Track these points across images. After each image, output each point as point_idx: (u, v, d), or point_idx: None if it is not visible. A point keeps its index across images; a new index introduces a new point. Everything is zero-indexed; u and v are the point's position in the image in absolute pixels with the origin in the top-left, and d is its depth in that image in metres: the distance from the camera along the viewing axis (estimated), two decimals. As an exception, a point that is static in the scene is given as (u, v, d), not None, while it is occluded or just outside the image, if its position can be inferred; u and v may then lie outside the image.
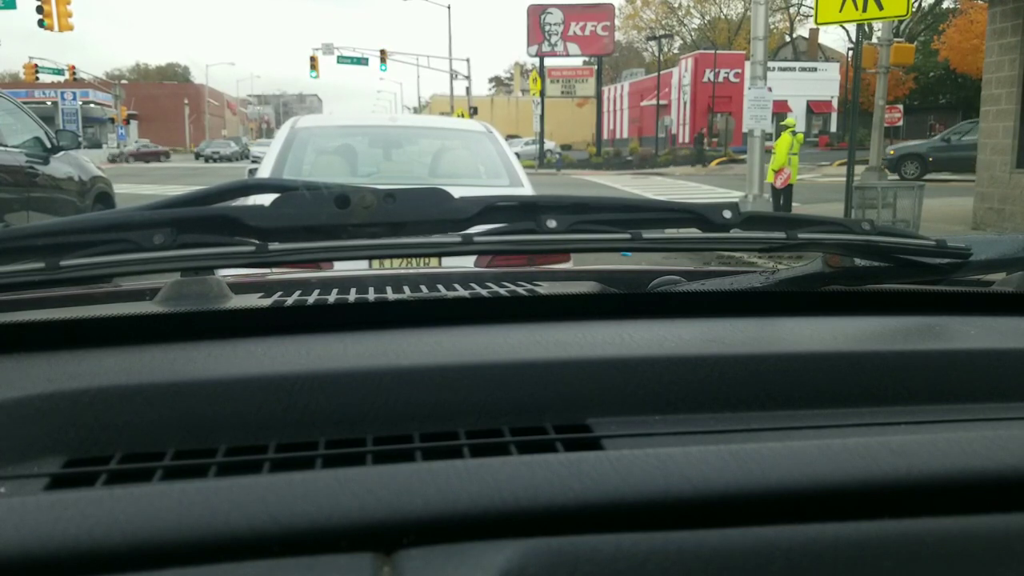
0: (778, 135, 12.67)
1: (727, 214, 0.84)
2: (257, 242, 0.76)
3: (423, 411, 0.70)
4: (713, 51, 43.19)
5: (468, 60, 42.09)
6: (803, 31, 52.89)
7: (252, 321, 0.91)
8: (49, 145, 6.40)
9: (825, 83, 45.17)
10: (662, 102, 42.90)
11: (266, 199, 0.80)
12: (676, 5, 54.74)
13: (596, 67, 38.92)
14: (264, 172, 4.44)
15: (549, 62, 38.16)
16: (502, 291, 1.16)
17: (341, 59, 38.08)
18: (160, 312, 0.91)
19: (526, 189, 4.34)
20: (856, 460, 0.56)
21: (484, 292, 1.16)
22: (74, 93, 47.78)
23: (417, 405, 0.70)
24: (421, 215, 0.79)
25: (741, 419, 0.72)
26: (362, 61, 38.58)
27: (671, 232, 0.86)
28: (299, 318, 0.95)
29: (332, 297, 1.11)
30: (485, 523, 0.50)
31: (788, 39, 53.12)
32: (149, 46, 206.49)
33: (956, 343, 0.84)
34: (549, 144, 38.83)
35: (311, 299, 1.08)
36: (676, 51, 56.06)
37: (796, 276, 1.04)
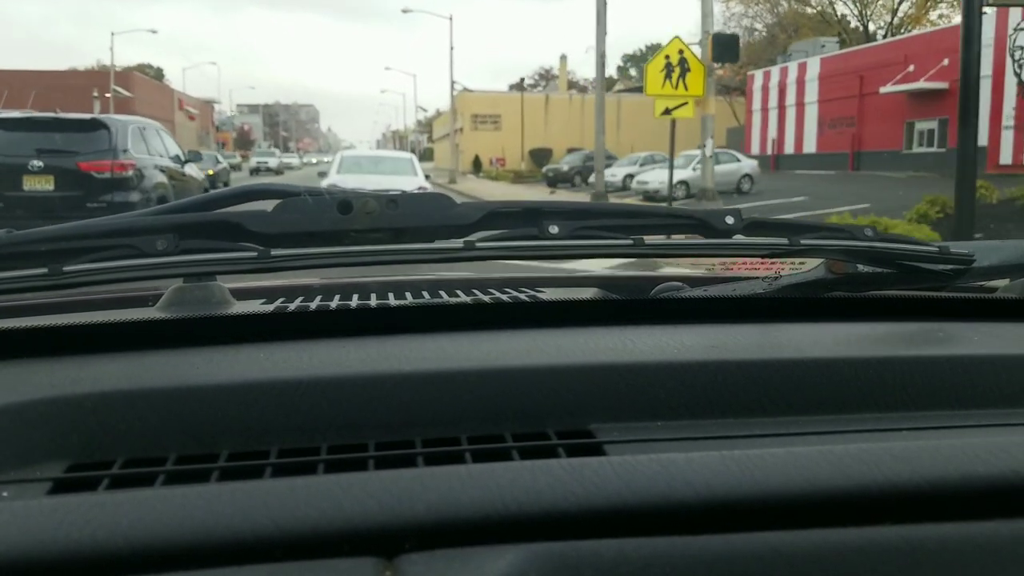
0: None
1: (730, 220, 0.84)
2: (259, 248, 0.76)
3: (425, 416, 0.70)
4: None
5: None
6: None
7: (254, 326, 0.91)
8: (183, 158, 11.00)
9: None
10: (919, 86, 24.36)
11: (268, 205, 0.81)
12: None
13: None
14: (332, 173, 12.46)
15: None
16: (504, 297, 1.16)
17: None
18: (162, 318, 0.91)
19: (419, 176, 12.54)
20: (858, 466, 0.56)
21: (486, 298, 1.16)
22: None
23: (419, 410, 0.70)
24: (423, 221, 0.79)
25: (743, 425, 0.72)
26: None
27: (674, 238, 0.86)
28: (301, 323, 0.95)
29: (334, 303, 1.11)
30: (487, 528, 0.50)
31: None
32: (132, 48, 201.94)
33: (959, 349, 0.84)
34: (744, 162, 22.27)
35: (313, 305, 1.08)
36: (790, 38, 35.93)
37: (799, 282, 1.04)
